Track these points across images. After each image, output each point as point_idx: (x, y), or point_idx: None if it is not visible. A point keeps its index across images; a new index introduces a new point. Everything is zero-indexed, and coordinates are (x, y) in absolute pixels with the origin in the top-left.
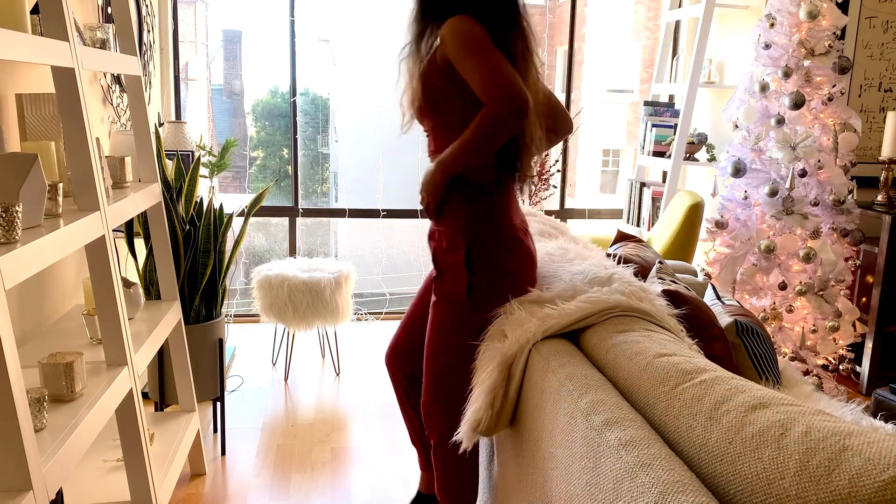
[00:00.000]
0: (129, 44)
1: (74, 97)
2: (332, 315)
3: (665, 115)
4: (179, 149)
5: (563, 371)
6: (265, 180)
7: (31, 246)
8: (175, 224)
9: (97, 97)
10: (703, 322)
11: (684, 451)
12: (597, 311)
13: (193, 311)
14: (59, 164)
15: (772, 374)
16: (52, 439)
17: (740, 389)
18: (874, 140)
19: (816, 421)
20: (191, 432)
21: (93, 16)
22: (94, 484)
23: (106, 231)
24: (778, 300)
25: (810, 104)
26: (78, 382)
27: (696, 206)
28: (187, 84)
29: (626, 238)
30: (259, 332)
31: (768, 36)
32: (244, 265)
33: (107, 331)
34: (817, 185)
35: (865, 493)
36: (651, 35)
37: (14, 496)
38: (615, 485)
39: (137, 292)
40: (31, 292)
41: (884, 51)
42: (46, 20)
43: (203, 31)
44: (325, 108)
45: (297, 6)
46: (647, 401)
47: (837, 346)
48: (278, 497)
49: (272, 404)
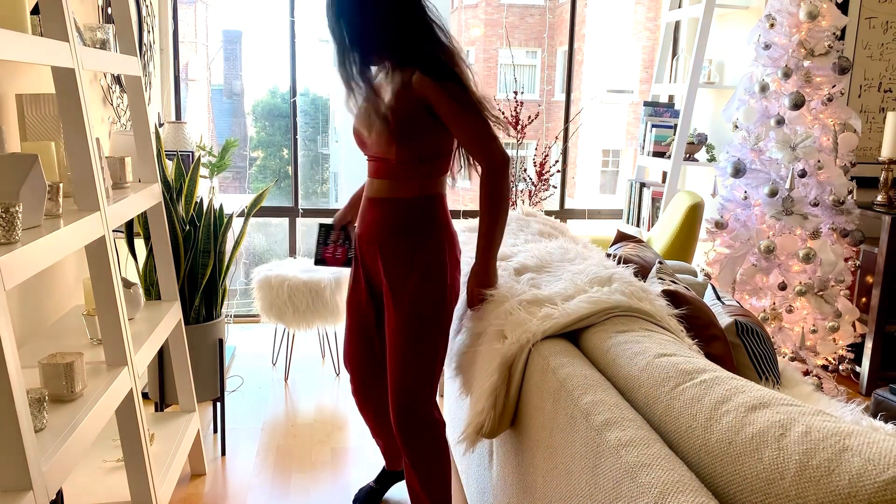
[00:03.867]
0: (129, 44)
1: (74, 97)
2: (332, 315)
3: (665, 115)
4: (179, 149)
5: (563, 371)
6: (265, 180)
7: (31, 246)
8: (175, 224)
9: (97, 97)
10: (702, 322)
11: (684, 452)
12: (597, 312)
13: (193, 312)
14: (59, 164)
15: (772, 374)
16: (52, 439)
17: (740, 389)
18: (874, 140)
19: (816, 421)
20: (191, 432)
21: (93, 16)
22: (94, 484)
23: (106, 231)
24: (778, 300)
25: (810, 104)
26: (78, 382)
27: (696, 206)
28: (187, 84)
29: (626, 238)
30: (259, 333)
31: (768, 36)
32: (244, 265)
33: (107, 331)
34: (817, 186)
35: (865, 493)
36: (651, 35)
37: (14, 496)
38: (615, 485)
39: (137, 292)
40: (31, 292)
41: (884, 51)
42: (46, 20)
43: (203, 32)
44: (325, 108)
45: (297, 6)
46: (646, 401)
47: (837, 347)
48: (278, 497)
49: (272, 404)
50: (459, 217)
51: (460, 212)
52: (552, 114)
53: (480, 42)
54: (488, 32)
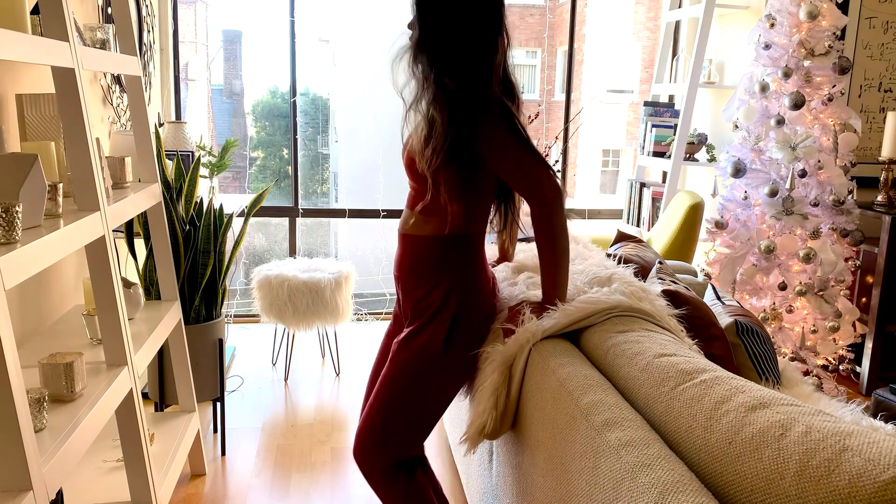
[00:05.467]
0: (129, 44)
1: (74, 97)
2: (332, 315)
3: (665, 115)
4: (179, 149)
5: (563, 371)
6: (265, 180)
7: (31, 246)
8: (175, 224)
9: (97, 97)
10: (703, 322)
11: (684, 452)
12: (597, 312)
13: (193, 312)
14: (59, 164)
15: (772, 374)
16: (52, 439)
17: (740, 389)
18: (874, 140)
19: (816, 421)
20: (191, 432)
21: (93, 16)
22: (94, 484)
23: (106, 231)
24: (778, 300)
25: (810, 104)
26: (78, 382)
27: (696, 206)
28: (187, 84)
29: (626, 238)
30: (259, 332)
31: (768, 36)
32: (244, 265)
33: (107, 331)
34: (817, 186)
35: (865, 493)
36: (651, 35)
37: (14, 496)
38: (615, 485)
39: (137, 292)
40: (31, 292)
41: (884, 51)
42: (46, 20)
43: (203, 32)
44: (325, 108)
45: (297, 6)
46: (646, 401)
47: (837, 347)
48: (278, 497)
49: (272, 404)
50: None
51: None
52: (552, 114)
53: None
54: None
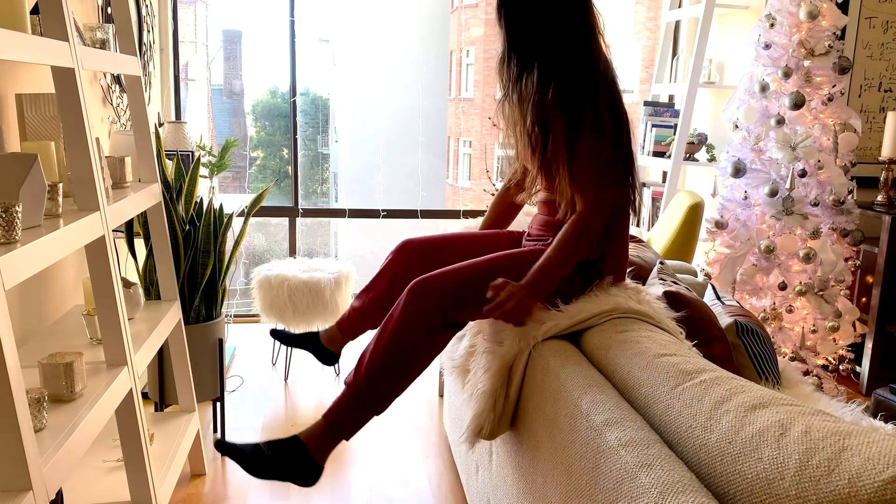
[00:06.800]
0: (129, 44)
1: (74, 97)
2: (333, 315)
3: (665, 115)
4: (179, 149)
5: (563, 372)
6: (265, 180)
7: (31, 246)
8: (175, 224)
9: (97, 97)
10: (703, 323)
11: (684, 451)
12: (597, 314)
13: (193, 312)
14: (59, 164)
15: (772, 374)
16: (52, 439)
17: (740, 389)
18: (874, 140)
19: (816, 421)
20: (191, 432)
21: (93, 16)
22: (94, 484)
23: (106, 231)
24: (778, 300)
25: (810, 104)
26: (78, 382)
27: (696, 206)
28: (187, 84)
29: None
30: (259, 332)
31: (768, 36)
32: (244, 265)
33: (107, 331)
34: (817, 186)
35: (865, 493)
36: (651, 35)
37: (14, 496)
38: (615, 485)
39: (137, 292)
40: (31, 292)
41: (884, 51)
42: (46, 20)
43: (203, 31)
44: (325, 108)
45: (297, 6)
46: (646, 401)
47: (837, 347)
48: (278, 497)
49: (272, 404)
50: (459, 217)
51: (460, 211)
52: None
53: (480, 42)
54: (488, 32)
